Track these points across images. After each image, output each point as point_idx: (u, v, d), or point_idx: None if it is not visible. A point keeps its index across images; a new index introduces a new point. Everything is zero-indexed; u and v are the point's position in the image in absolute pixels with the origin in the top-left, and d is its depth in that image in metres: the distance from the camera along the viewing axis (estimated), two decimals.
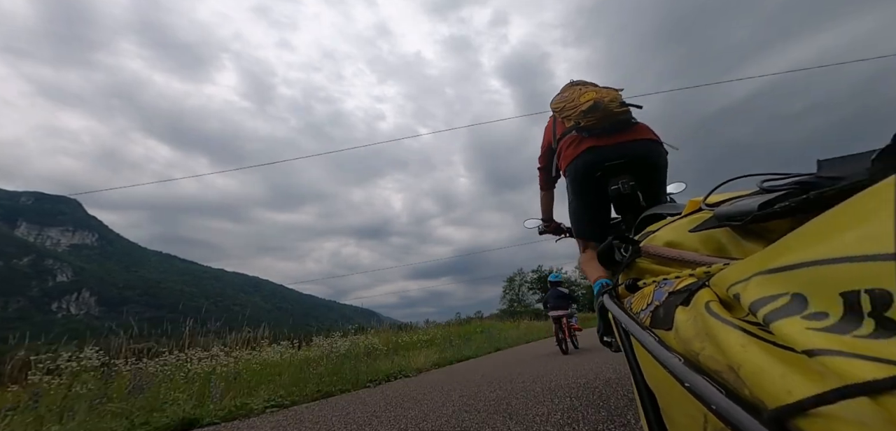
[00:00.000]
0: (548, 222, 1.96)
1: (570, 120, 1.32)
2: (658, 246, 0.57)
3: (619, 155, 1.24)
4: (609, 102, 1.24)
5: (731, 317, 0.31)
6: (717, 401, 0.27)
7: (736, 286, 0.31)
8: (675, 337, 0.38)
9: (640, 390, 0.51)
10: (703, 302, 0.35)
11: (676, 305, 0.40)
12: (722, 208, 0.45)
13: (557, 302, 5.56)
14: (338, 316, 25.24)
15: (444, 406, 2.24)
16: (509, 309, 37.16)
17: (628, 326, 0.48)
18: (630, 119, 1.29)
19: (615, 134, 1.26)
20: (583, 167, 1.30)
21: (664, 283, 0.48)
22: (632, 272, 0.64)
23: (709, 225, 0.48)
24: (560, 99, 1.39)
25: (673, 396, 0.39)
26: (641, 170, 1.25)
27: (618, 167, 1.24)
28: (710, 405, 0.28)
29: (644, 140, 1.27)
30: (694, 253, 0.49)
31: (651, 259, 0.58)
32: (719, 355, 0.30)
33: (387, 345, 6.50)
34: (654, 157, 1.27)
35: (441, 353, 6.41)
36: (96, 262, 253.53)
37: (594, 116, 1.24)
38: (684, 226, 0.53)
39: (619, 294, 0.65)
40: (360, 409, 2.46)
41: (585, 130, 1.28)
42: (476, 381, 3.30)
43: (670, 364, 0.34)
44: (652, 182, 1.27)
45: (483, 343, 8.66)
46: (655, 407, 0.47)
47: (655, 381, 0.46)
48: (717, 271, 0.38)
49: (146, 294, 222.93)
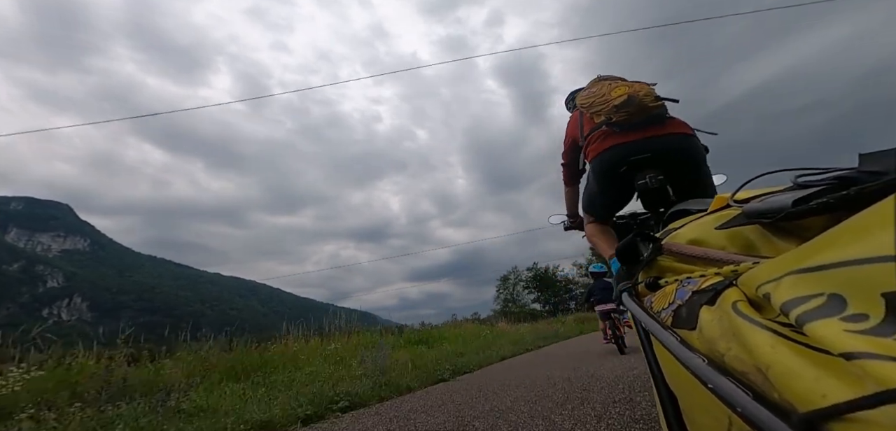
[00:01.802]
0: (573, 217, 1.93)
1: (600, 115, 1.27)
2: (681, 244, 0.54)
3: (645, 149, 1.20)
4: (643, 96, 1.20)
5: (761, 318, 0.30)
6: (743, 403, 0.26)
7: (766, 285, 0.30)
8: (699, 338, 0.37)
9: (660, 391, 0.49)
10: (730, 302, 0.34)
11: (701, 305, 0.39)
12: (752, 205, 0.43)
13: (604, 294, 5.06)
14: (336, 319, 24.72)
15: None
16: (504, 310, 35.38)
17: (648, 325, 0.47)
18: (663, 113, 1.24)
19: (645, 128, 1.22)
20: (608, 162, 1.26)
21: (687, 282, 0.47)
22: (652, 270, 0.62)
23: (737, 223, 0.46)
24: (588, 94, 1.35)
25: (695, 398, 0.38)
26: (672, 164, 1.20)
27: (645, 161, 1.20)
28: (736, 407, 0.27)
29: (676, 134, 1.22)
30: (720, 251, 0.46)
31: (673, 256, 0.56)
32: (746, 356, 0.29)
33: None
34: (688, 151, 1.22)
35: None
36: (88, 268, 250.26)
37: (627, 111, 1.20)
38: (710, 223, 0.51)
39: (639, 292, 0.63)
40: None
41: (616, 125, 1.24)
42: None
43: (693, 364, 0.33)
44: (685, 176, 1.22)
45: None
46: (676, 409, 0.46)
47: (677, 382, 0.45)
48: (746, 270, 0.36)
49: (140, 299, 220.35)
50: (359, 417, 2.59)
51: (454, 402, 2.79)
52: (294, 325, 6.41)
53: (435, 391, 3.47)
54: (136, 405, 2.71)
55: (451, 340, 8.03)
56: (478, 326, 11.92)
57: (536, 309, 35.83)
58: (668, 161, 1.20)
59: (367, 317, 12.09)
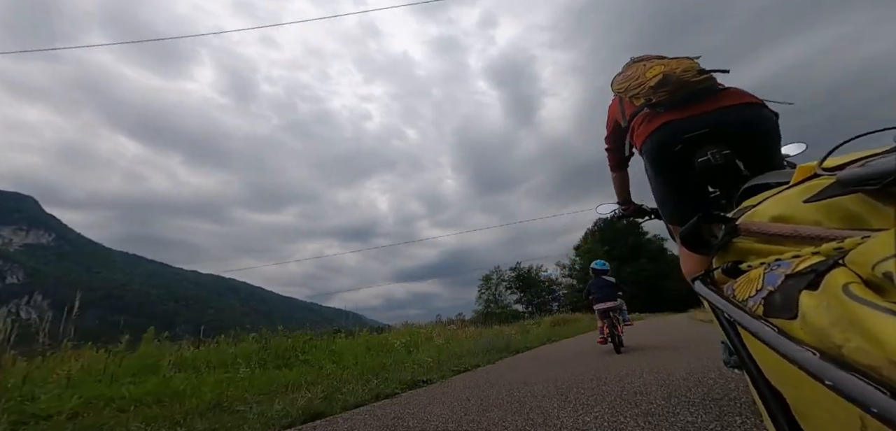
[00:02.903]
0: (626, 204, 1.76)
1: (638, 98, 1.21)
2: (763, 223, 0.48)
3: (701, 125, 1.11)
4: (682, 72, 1.14)
5: (885, 302, 0.26)
6: (879, 403, 0.23)
7: (885, 262, 0.26)
8: (803, 327, 0.32)
9: (761, 390, 0.43)
10: (840, 285, 0.29)
11: (800, 289, 0.34)
12: (848, 171, 0.37)
13: (603, 292, 4.81)
14: (318, 318, 24.09)
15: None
16: (486, 311, 34.31)
17: (735, 315, 0.41)
18: (715, 86, 1.16)
19: (697, 103, 1.14)
20: (658, 143, 1.18)
21: (777, 265, 0.41)
22: (729, 254, 0.55)
23: (831, 193, 0.40)
24: (623, 78, 1.29)
25: (808, 396, 0.33)
26: (738, 137, 1.11)
27: (703, 137, 1.11)
28: (870, 407, 0.23)
29: (737, 105, 1.13)
30: (814, 226, 0.40)
31: (754, 237, 0.50)
32: (873, 348, 0.25)
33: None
34: (754, 122, 1.12)
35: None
36: (52, 264, 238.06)
37: (665, 91, 1.14)
38: (796, 196, 0.45)
39: (715, 279, 0.56)
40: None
41: (659, 106, 1.17)
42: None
43: (802, 359, 0.29)
44: (758, 149, 1.12)
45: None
46: (785, 408, 0.40)
47: (780, 378, 0.39)
48: (853, 246, 0.31)
49: (108, 297, 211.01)
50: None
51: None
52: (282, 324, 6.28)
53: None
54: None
55: (337, 356, 5.08)
56: (414, 331, 8.19)
57: (518, 310, 35.49)
58: (734, 134, 1.10)
59: (353, 317, 11.76)
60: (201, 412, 2.36)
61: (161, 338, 4.52)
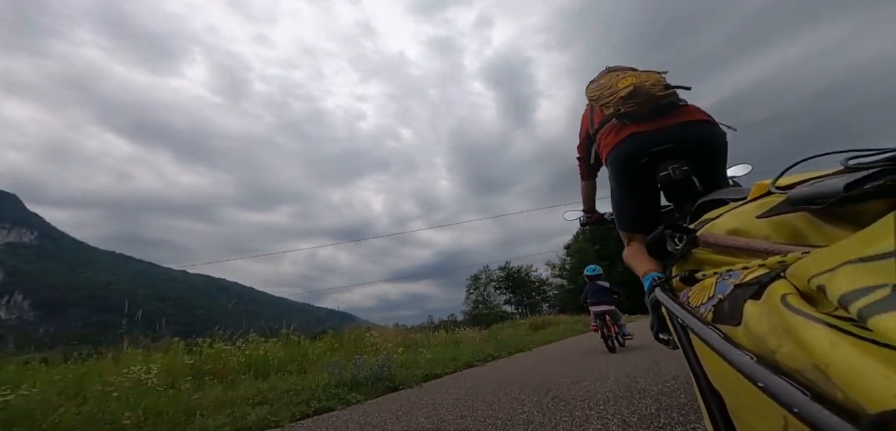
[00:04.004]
0: (590, 213, 1.88)
1: (608, 108, 1.25)
2: (719, 235, 0.51)
3: (666, 139, 1.16)
4: (650, 86, 1.18)
5: (815, 312, 0.28)
6: (800, 404, 0.24)
7: (819, 277, 0.28)
8: (745, 334, 0.34)
9: (703, 390, 0.46)
10: (779, 295, 0.31)
11: (745, 299, 0.36)
12: (798, 190, 0.40)
13: (599, 296, 5.18)
14: (311, 319, 23.33)
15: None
16: (474, 312, 33.29)
17: (687, 321, 0.44)
18: (677, 101, 1.22)
19: (661, 117, 1.18)
20: (625, 154, 1.22)
21: (728, 275, 0.44)
22: (688, 263, 0.59)
23: (781, 210, 0.43)
24: (596, 87, 1.34)
25: (743, 397, 0.35)
26: (695, 153, 1.16)
27: (666, 152, 1.16)
28: (792, 408, 0.25)
29: (696, 121, 1.18)
30: (764, 241, 0.43)
31: (711, 248, 0.53)
32: (801, 353, 0.27)
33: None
34: (710, 139, 1.18)
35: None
36: (34, 263, 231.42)
37: (634, 102, 1.18)
38: (751, 212, 0.48)
39: (674, 286, 0.60)
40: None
41: (627, 117, 1.21)
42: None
43: (740, 362, 0.31)
44: (709, 166, 1.18)
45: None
46: (722, 409, 0.43)
47: (721, 381, 0.42)
48: (794, 260, 0.34)
49: (92, 296, 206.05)
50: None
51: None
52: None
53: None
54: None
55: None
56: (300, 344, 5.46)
57: (507, 311, 34.75)
58: (692, 150, 1.16)
59: (345, 317, 11.49)
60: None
61: (140, 339, 4.24)
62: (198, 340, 4.52)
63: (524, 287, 39.73)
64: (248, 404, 2.77)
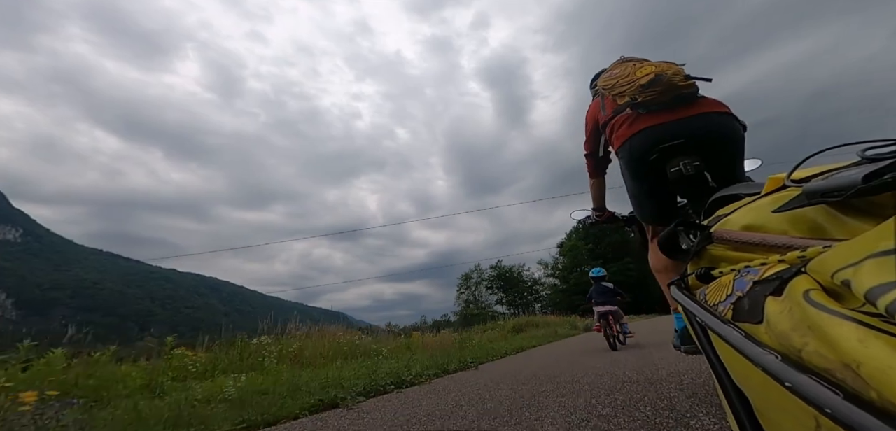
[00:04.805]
0: (600, 211, 1.78)
1: (624, 96, 1.22)
2: (734, 231, 0.50)
3: (679, 133, 1.12)
4: (672, 75, 1.15)
5: (841, 308, 0.27)
6: (832, 404, 0.23)
7: (843, 271, 0.27)
8: (768, 332, 0.33)
9: (728, 391, 0.44)
10: (801, 291, 0.30)
11: (766, 295, 0.35)
12: (814, 183, 0.39)
13: (603, 297, 5.31)
14: (304, 319, 21.91)
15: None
16: (465, 312, 32.53)
17: (706, 320, 0.43)
18: (695, 93, 1.18)
19: (676, 109, 1.15)
20: (638, 148, 1.19)
21: (746, 271, 0.43)
22: (703, 260, 0.57)
23: (797, 204, 0.42)
24: (610, 76, 1.30)
25: (771, 397, 0.34)
26: (709, 147, 1.13)
27: (678, 148, 1.12)
28: (824, 408, 0.24)
29: (712, 113, 1.15)
30: (781, 235, 0.42)
31: (726, 245, 0.52)
32: (829, 351, 0.25)
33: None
34: (726, 132, 1.14)
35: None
36: (18, 261, 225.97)
37: (654, 91, 1.14)
38: (766, 207, 0.47)
39: (690, 285, 0.58)
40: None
41: (643, 106, 1.18)
42: None
43: (765, 362, 0.30)
44: (724, 160, 1.15)
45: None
46: (748, 410, 0.41)
47: (745, 381, 0.40)
48: (815, 255, 0.33)
49: (78, 295, 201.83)
50: None
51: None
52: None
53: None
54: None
55: None
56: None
57: (498, 311, 34.41)
58: (706, 144, 1.13)
59: (339, 317, 11.35)
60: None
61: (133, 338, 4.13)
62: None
63: (516, 286, 39.56)
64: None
